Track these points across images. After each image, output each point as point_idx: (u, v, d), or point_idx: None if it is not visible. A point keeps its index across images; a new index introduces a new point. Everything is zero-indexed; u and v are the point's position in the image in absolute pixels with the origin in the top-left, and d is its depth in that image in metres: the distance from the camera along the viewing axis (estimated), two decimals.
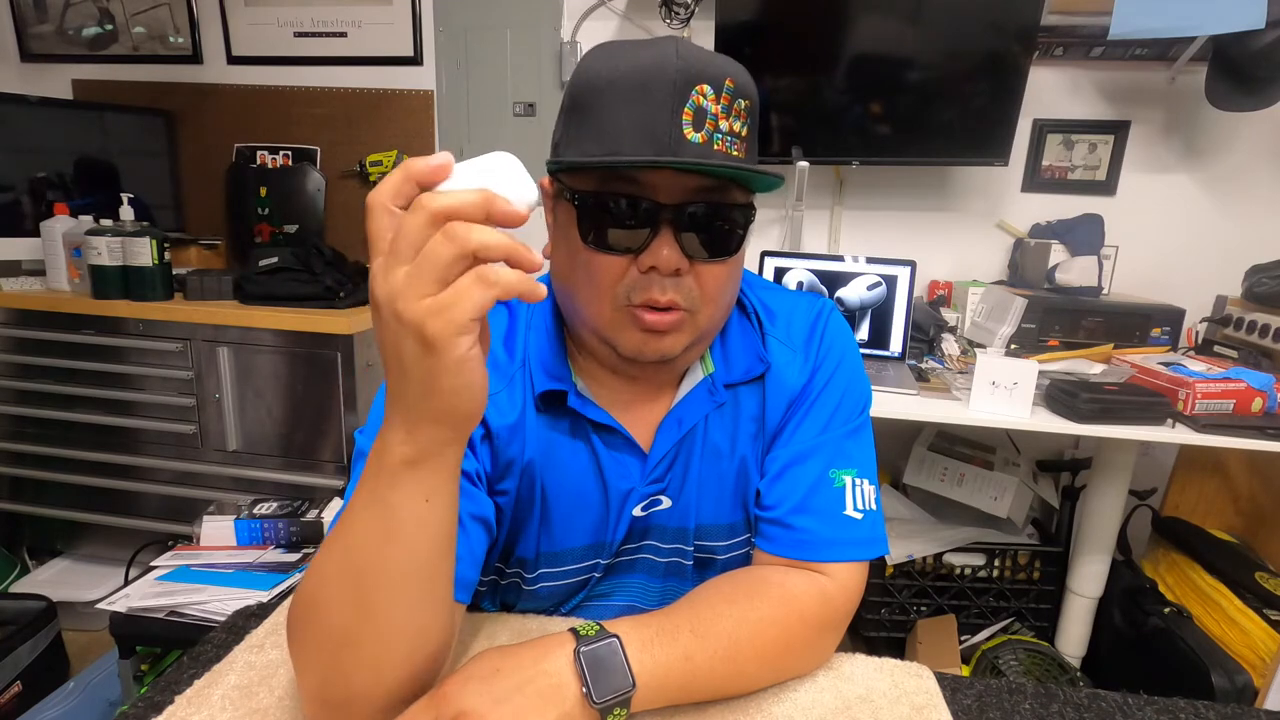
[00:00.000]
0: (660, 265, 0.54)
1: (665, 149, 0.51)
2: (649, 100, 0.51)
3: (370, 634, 0.45)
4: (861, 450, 0.65)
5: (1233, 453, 1.67)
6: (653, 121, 0.51)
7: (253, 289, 1.72)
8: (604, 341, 0.60)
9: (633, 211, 0.54)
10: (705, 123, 0.52)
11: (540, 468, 0.63)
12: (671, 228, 0.54)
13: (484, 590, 0.68)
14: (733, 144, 0.54)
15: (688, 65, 0.51)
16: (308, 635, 0.47)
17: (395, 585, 0.45)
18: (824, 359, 0.67)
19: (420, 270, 0.37)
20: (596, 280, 0.56)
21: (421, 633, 0.47)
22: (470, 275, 0.37)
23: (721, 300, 0.60)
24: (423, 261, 0.37)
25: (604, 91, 0.53)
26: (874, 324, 1.60)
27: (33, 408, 1.83)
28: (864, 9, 1.66)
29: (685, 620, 0.53)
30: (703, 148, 0.52)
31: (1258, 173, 1.77)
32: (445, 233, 0.37)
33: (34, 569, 1.98)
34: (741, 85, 0.54)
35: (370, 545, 0.45)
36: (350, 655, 0.45)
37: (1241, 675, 1.30)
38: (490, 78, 1.99)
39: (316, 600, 0.47)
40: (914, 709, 0.54)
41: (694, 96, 0.51)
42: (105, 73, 2.17)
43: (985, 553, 1.58)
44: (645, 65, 0.52)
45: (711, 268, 0.57)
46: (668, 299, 0.55)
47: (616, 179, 0.54)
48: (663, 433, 0.64)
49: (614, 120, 0.52)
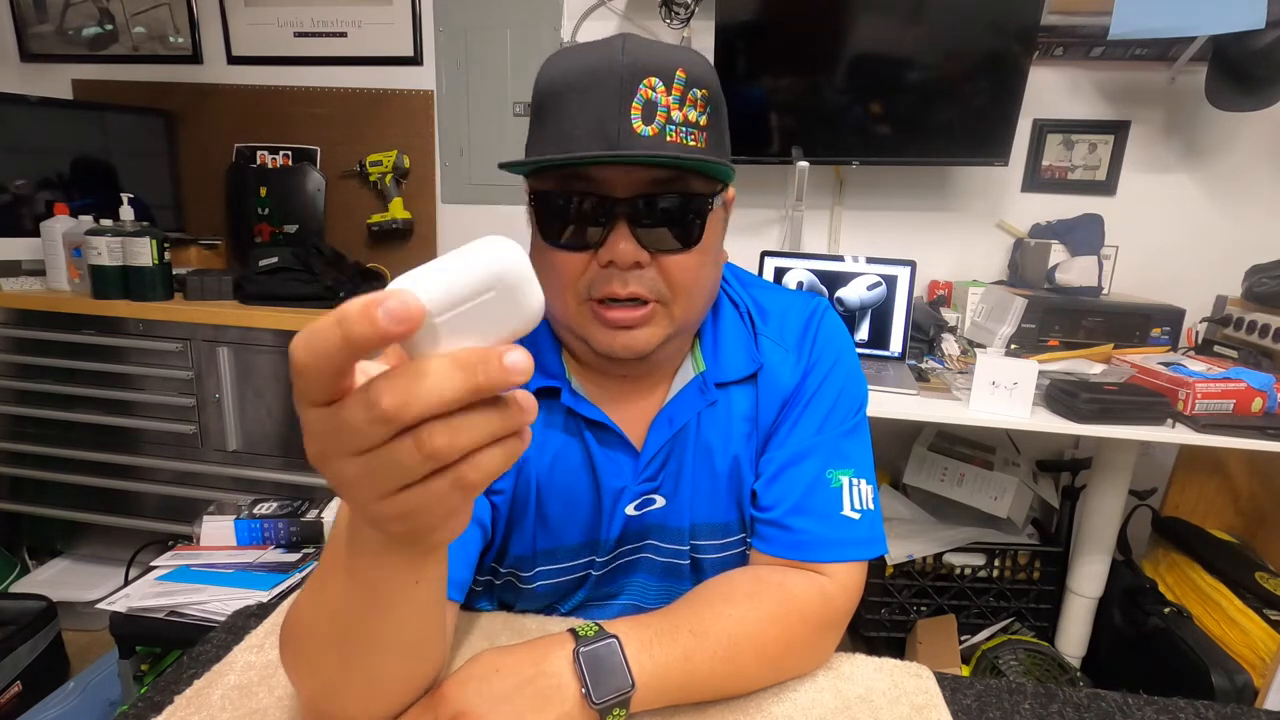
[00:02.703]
0: (617, 259, 0.54)
1: (615, 144, 0.52)
2: (598, 98, 0.52)
3: (359, 680, 0.44)
4: (858, 450, 0.65)
5: (1233, 453, 1.67)
6: (602, 118, 0.52)
7: (253, 289, 1.73)
8: (579, 339, 0.60)
9: (586, 208, 0.55)
10: (656, 115, 0.52)
11: (534, 465, 0.64)
12: (627, 221, 0.54)
13: (480, 590, 0.68)
14: (689, 134, 0.54)
15: (634, 60, 0.52)
16: (297, 665, 0.46)
17: (382, 649, 0.43)
18: (818, 358, 0.67)
19: (376, 473, 0.28)
20: (559, 276, 0.57)
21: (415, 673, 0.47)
22: (447, 481, 0.28)
23: (696, 291, 0.59)
24: (379, 469, 0.28)
25: (557, 94, 0.54)
26: (874, 324, 1.60)
27: (33, 408, 1.83)
28: (864, 9, 1.66)
29: (684, 620, 0.53)
30: (654, 140, 0.52)
31: (1258, 173, 1.77)
32: (417, 442, 0.27)
33: (34, 569, 1.98)
34: (696, 74, 0.54)
35: (354, 615, 0.41)
36: (340, 694, 0.45)
37: (1241, 675, 1.30)
38: (490, 78, 1.99)
39: (300, 644, 0.45)
40: (914, 709, 0.54)
41: (642, 90, 0.52)
42: (105, 73, 2.17)
43: (985, 553, 1.58)
44: (593, 64, 0.53)
45: (676, 258, 0.57)
46: (628, 291, 0.56)
47: (573, 177, 0.55)
48: (654, 430, 0.64)
49: (567, 121, 0.53)
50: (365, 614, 0.40)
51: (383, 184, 2.04)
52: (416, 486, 0.29)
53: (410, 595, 0.40)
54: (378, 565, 0.37)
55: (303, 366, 0.26)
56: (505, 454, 0.29)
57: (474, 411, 0.28)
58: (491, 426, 0.28)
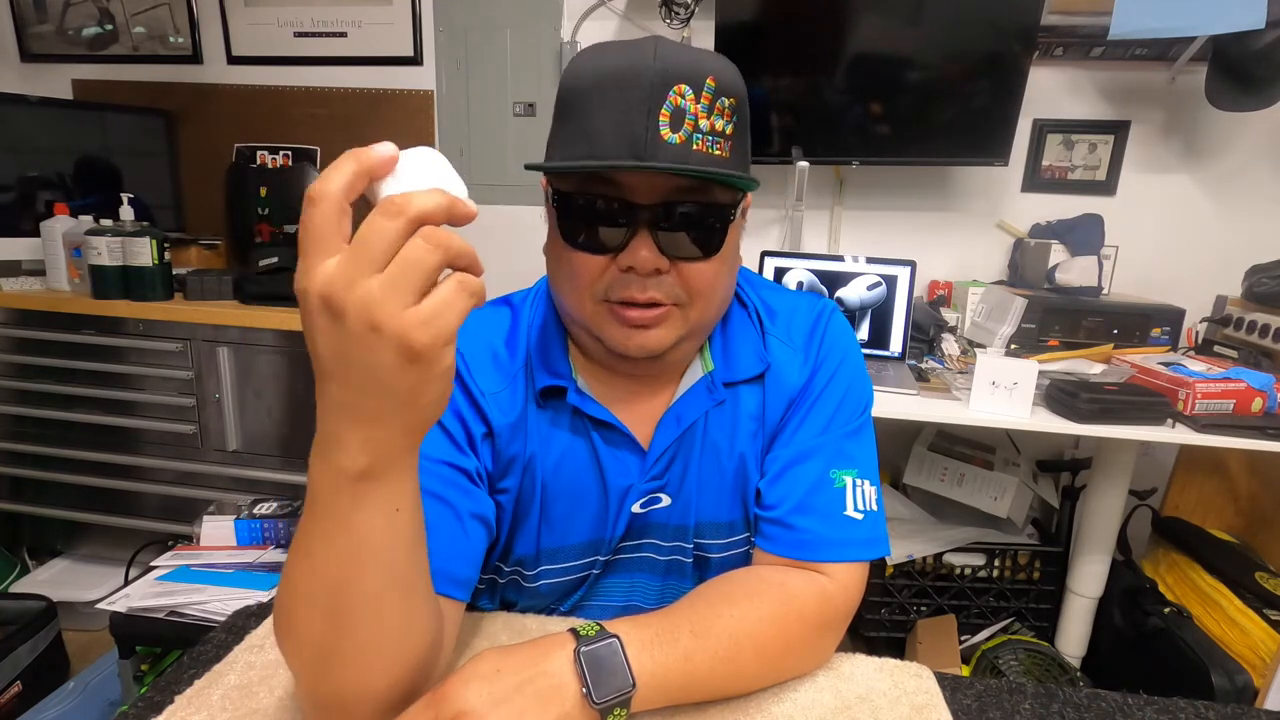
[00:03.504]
0: (637, 266, 0.55)
1: (641, 151, 0.51)
2: (626, 102, 0.52)
3: (351, 647, 0.44)
4: (863, 451, 0.65)
5: (1233, 453, 1.67)
6: (629, 123, 0.51)
7: (253, 289, 1.72)
8: (593, 337, 0.60)
9: (610, 212, 0.55)
10: (684, 123, 0.52)
11: (540, 464, 0.64)
12: (649, 228, 0.54)
13: (482, 589, 0.68)
14: (714, 143, 0.54)
15: (666, 66, 0.52)
16: (289, 645, 0.46)
17: (370, 602, 0.43)
18: (825, 359, 0.67)
19: (402, 278, 0.34)
20: (577, 277, 0.57)
21: (405, 638, 0.47)
22: (453, 283, 0.36)
23: (713, 296, 0.60)
24: (405, 269, 0.34)
25: (585, 93, 0.54)
26: (874, 324, 1.60)
27: (33, 408, 1.83)
28: (864, 9, 1.66)
29: (685, 620, 0.53)
30: (680, 148, 0.52)
31: (1258, 173, 1.77)
32: (426, 238, 0.34)
33: (34, 569, 1.98)
34: (725, 83, 0.54)
35: (339, 567, 0.42)
36: (334, 664, 0.45)
37: (1241, 675, 1.30)
38: (490, 78, 1.99)
39: (291, 615, 0.45)
40: (914, 709, 0.54)
41: (671, 97, 0.52)
42: (105, 73, 2.17)
43: (985, 553, 1.58)
44: (624, 67, 0.52)
45: (696, 266, 0.57)
46: (647, 296, 0.56)
47: (596, 180, 0.55)
48: (661, 430, 0.64)
49: (594, 122, 0.53)
50: (349, 563, 0.41)
51: None
52: (433, 291, 0.35)
53: (393, 527, 0.41)
54: (358, 502, 0.40)
55: (323, 194, 0.34)
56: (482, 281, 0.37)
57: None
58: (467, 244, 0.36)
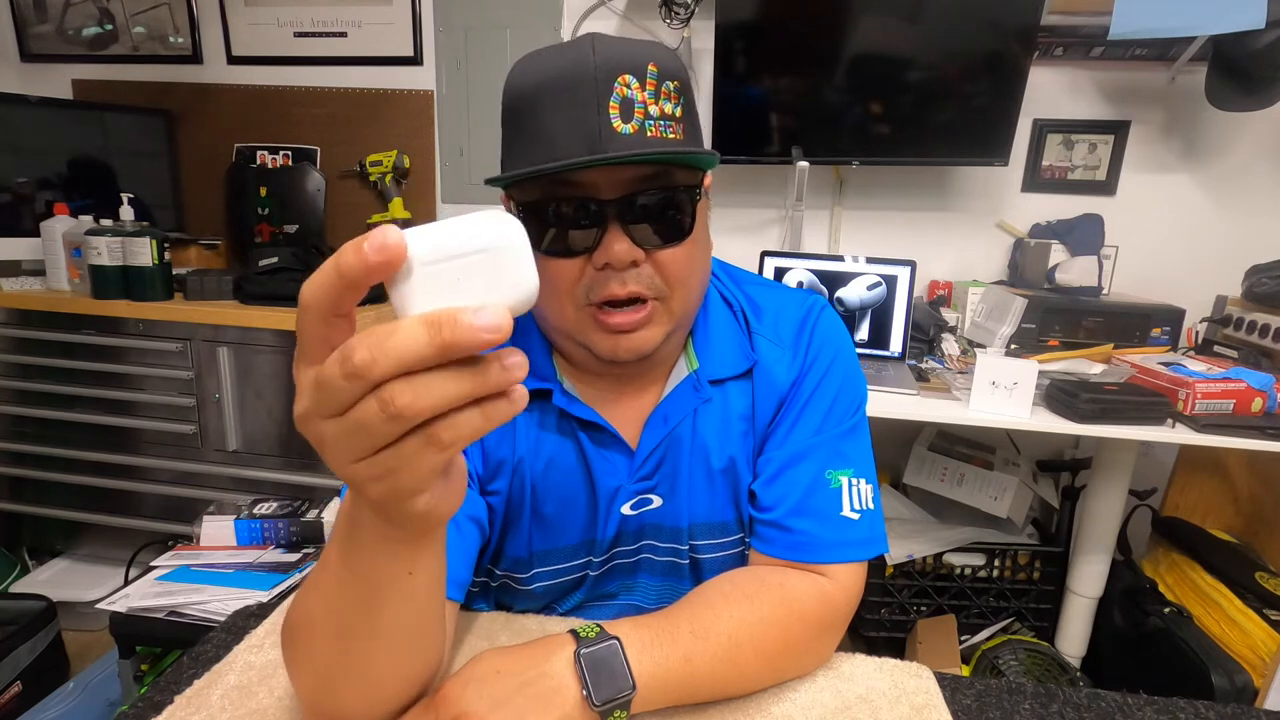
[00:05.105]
0: (613, 261, 0.54)
1: (597, 145, 0.51)
2: (575, 101, 0.52)
3: (358, 675, 0.44)
4: (858, 449, 0.65)
5: (1233, 453, 1.67)
6: (582, 120, 0.51)
7: (253, 289, 1.72)
8: (579, 345, 0.60)
9: (577, 213, 0.54)
10: (634, 112, 0.52)
11: (529, 467, 0.64)
12: (619, 222, 0.54)
13: (476, 591, 0.68)
14: (667, 127, 0.54)
15: (606, 59, 0.52)
16: (296, 658, 0.47)
17: (381, 642, 0.43)
18: (815, 357, 0.66)
19: (349, 435, 0.29)
20: (555, 285, 0.57)
21: (410, 670, 0.47)
22: (418, 439, 0.29)
23: (691, 281, 0.60)
24: (353, 428, 0.28)
25: (532, 100, 0.53)
26: (874, 324, 1.60)
27: (33, 408, 1.82)
28: (864, 9, 1.66)
29: (685, 621, 0.53)
30: (635, 137, 0.52)
31: (1258, 173, 1.77)
32: (380, 402, 0.27)
33: (34, 569, 1.98)
34: (666, 67, 0.54)
35: (352, 608, 0.41)
36: (339, 688, 0.45)
37: (1241, 675, 1.30)
38: (490, 78, 1.99)
39: (303, 635, 0.45)
40: (914, 709, 0.54)
41: (617, 89, 0.52)
42: (105, 73, 2.17)
43: (985, 553, 1.58)
44: (565, 67, 0.52)
45: (670, 252, 0.57)
46: (627, 291, 0.56)
47: (559, 184, 0.54)
48: (649, 429, 0.64)
49: (546, 127, 0.53)
50: (361, 606, 0.41)
51: (383, 184, 2.04)
52: (390, 448, 0.29)
53: (405, 586, 0.40)
54: (372, 555, 0.38)
55: (306, 303, 0.28)
56: (485, 416, 0.29)
57: (444, 370, 0.27)
58: (462, 386, 0.27)
